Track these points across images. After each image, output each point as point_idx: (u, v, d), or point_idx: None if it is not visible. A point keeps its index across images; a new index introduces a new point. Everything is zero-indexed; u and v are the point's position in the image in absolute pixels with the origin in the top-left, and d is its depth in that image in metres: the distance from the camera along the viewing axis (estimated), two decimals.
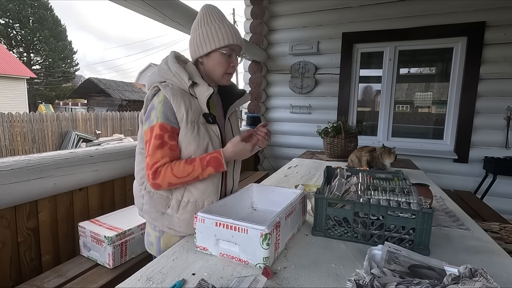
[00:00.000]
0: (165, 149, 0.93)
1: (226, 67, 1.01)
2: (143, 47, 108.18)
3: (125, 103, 15.31)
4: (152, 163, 0.93)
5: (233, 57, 1.01)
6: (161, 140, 0.92)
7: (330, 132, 2.64)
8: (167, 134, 0.93)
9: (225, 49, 0.98)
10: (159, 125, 0.93)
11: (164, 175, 0.92)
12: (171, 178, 0.92)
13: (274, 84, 3.92)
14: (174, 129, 0.95)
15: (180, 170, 0.92)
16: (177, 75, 0.97)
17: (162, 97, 0.95)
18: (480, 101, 3.03)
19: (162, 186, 0.95)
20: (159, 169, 0.92)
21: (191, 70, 1.01)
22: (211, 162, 0.94)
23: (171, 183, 0.93)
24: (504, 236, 1.64)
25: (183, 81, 0.97)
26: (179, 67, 0.98)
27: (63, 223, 1.55)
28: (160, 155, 0.92)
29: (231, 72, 1.04)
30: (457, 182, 3.16)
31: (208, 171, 0.95)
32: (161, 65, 1.02)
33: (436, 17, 3.06)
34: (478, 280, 0.58)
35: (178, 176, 0.92)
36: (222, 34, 0.97)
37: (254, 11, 3.69)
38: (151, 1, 1.81)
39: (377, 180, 1.16)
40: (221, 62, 1.00)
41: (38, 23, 20.71)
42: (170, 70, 0.99)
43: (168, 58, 1.02)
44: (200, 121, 0.98)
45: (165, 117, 0.93)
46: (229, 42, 0.97)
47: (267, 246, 0.76)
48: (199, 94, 0.98)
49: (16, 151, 7.83)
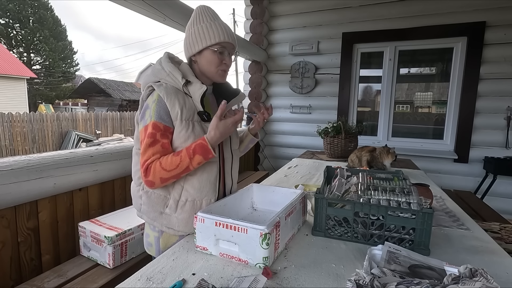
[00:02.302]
0: (156, 147, 0.93)
1: (218, 64, 1.01)
2: (142, 47, 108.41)
3: (125, 103, 15.32)
4: (143, 160, 0.93)
5: (225, 55, 1.02)
6: (153, 138, 0.93)
7: (330, 132, 2.64)
8: (160, 132, 0.93)
9: (216, 47, 0.99)
10: (152, 123, 0.93)
11: (154, 171, 0.91)
12: (161, 172, 0.91)
13: (274, 84, 3.93)
14: (167, 128, 0.95)
15: (168, 162, 0.91)
16: (171, 74, 0.98)
17: (156, 96, 0.95)
18: (480, 101, 3.03)
19: (155, 183, 0.94)
20: (149, 166, 0.92)
21: (184, 69, 1.02)
22: (197, 150, 0.92)
23: (162, 178, 0.92)
24: (504, 236, 1.64)
25: (176, 80, 0.98)
26: (172, 66, 0.99)
27: (63, 223, 1.55)
28: (151, 152, 0.92)
29: (224, 69, 1.04)
30: (457, 182, 3.16)
31: (196, 159, 0.92)
32: (155, 65, 1.03)
33: (436, 17, 3.06)
34: (478, 280, 0.58)
35: (167, 169, 0.91)
36: (213, 32, 0.98)
37: (254, 11, 3.69)
38: (151, 1, 1.81)
39: (377, 180, 1.16)
40: (213, 60, 1.00)
41: (38, 23, 20.71)
42: (164, 69, 1.00)
43: (161, 59, 1.03)
44: (195, 119, 0.99)
45: (159, 116, 0.93)
46: (220, 40, 0.98)
47: (266, 246, 0.76)
48: (193, 92, 0.99)
49: (16, 151, 7.83)
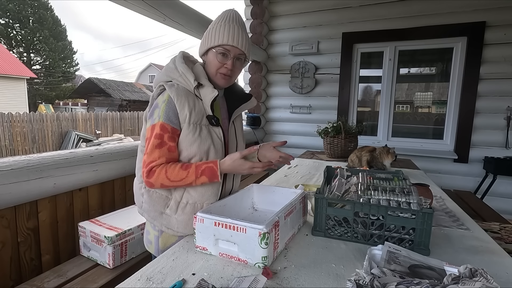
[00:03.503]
0: (163, 150, 0.93)
1: (218, 67, 0.99)
2: (142, 47, 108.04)
3: (125, 103, 15.31)
4: (149, 161, 0.93)
5: (227, 58, 0.98)
6: (160, 140, 0.92)
7: (330, 132, 2.64)
8: (167, 134, 0.93)
9: (219, 48, 0.97)
10: (160, 124, 0.93)
11: (158, 176, 0.92)
12: (164, 180, 0.92)
13: (274, 84, 3.92)
14: (174, 130, 0.94)
15: (174, 174, 0.92)
16: (183, 75, 0.97)
17: (166, 97, 0.95)
18: (480, 101, 3.03)
19: (154, 186, 0.95)
20: (154, 169, 0.92)
21: (198, 71, 1.00)
22: (205, 172, 0.93)
23: (163, 184, 0.93)
24: (504, 236, 1.64)
25: (188, 82, 0.96)
26: (185, 67, 0.98)
27: (63, 223, 1.55)
28: (158, 154, 0.92)
29: (224, 73, 0.99)
30: (457, 182, 3.16)
31: (201, 179, 0.94)
32: (169, 64, 1.02)
33: (436, 17, 3.06)
34: (478, 280, 0.58)
35: (171, 179, 0.92)
36: (219, 33, 0.96)
37: (254, 11, 3.69)
38: (151, 1, 1.81)
39: (377, 180, 1.16)
40: (213, 61, 0.99)
41: (38, 23, 20.72)
42: (177, 69, 0.99)
43: (176, 58, 1.02)
44: (203, 122, 0.98)
45: (167, 117, 0.93)
46: (223, 42, 0.96)
47: (265, 245, 0.76)
48: (204, 96, 0.98)
49: (16, 151, 7.83)
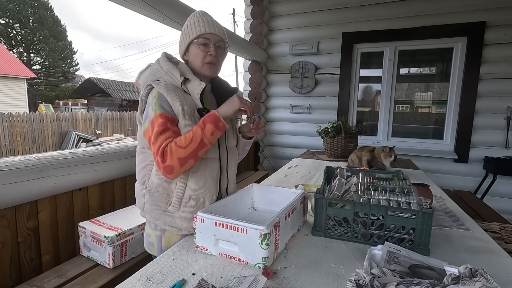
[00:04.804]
0: (168, 133, 0.91)
1: (203, 56, 1.00)
2: (141, 47, 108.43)
3: (125, 103, 15.32)
4: (157, 147, 0.90)
5: (209, 46, 1.00)
6: (163, 126, 0.91)
7: (330, 132, 2.64)
8: (168, 122, 0.93)
9: (199, 39, 0.99)
10: (159, 115, 0.93)
11: (171, 151, 0.89)
12: (177, 151, 0.89)
13: (274, 84, 3.92)
14: (173, 119, 0.95)
15: (182, 140, 0.90)
16: (169, 73, 0.99)
17: (156, 93, 0.96)
18: (480, 101, 3.03)
19: (174, 168, 0.89)
20: (165, 149, 0.90)
21: (182, 68, 1.02)
22: (207, 120, 0.92)
23: (180, 157, 0.89)
24: (504, 236, 1.64)
25: (175, 78, 0.98)
26: (170, 64, 1.00)
27: (63, 223, 1.55)
28: (164, 138, 0.91)
29: (210, 61, 1.01)
30: (457, 182, 3.16)
31: (208, 129, 0.91)
32: (154, 65, 1.04)
33: (436, 17, 3.06)
34: (478, 280, 0.58)
35: (183, 145, 0.89)
36: (194, 26, 0.99)
37: (254, 11, 3.69)
38: (151, 1, 1.81)
39: (377, 180, 1.16)
40: (197, 53, 1.00)
41: (38, 23, 20.72)
42: (162, 68, 1.01)
43: (159, 59, 1.05)
44: (195, 116, 0.99)
45: (162, 108, 0.94)
46: (201, 32, 0.99)
47: (266, 246, 0.76)
48: (192, 90, 0.99)
49: (16, 151, 7.83)
